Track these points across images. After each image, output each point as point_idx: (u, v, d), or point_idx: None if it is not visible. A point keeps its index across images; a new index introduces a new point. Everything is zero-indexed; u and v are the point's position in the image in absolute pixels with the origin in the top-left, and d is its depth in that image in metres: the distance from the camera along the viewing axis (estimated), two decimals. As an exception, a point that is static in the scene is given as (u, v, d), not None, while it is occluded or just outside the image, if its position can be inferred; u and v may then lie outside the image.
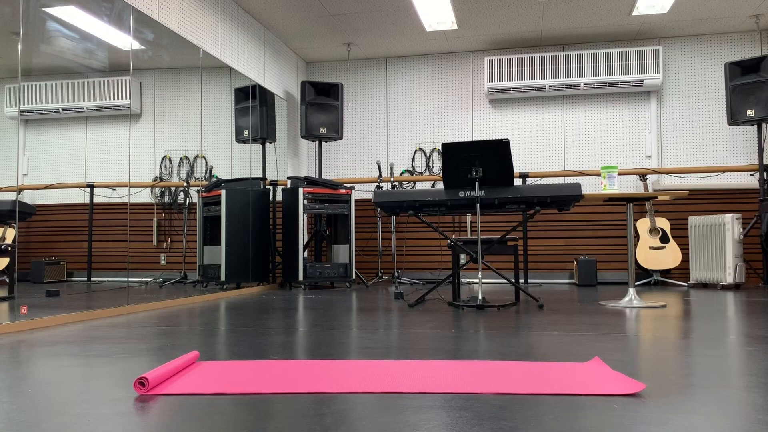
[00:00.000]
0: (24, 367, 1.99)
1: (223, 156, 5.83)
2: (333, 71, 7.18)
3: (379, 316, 3.40)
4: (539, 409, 1.39)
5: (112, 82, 4.72)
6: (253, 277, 5.63)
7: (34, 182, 4.54)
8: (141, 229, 5.44)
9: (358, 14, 5.80)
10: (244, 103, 5.90)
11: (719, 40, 6.34)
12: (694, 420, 1.28)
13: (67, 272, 5.06)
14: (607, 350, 2.15)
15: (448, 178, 3.81)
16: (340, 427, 1.26)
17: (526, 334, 2.61)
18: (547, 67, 6.39)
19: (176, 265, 5.62)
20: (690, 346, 2.28)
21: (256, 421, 1.32)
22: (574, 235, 6.32)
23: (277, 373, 1.81)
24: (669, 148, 6.39)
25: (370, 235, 6.75)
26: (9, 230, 3.92)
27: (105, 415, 1.37)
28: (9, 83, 3.78)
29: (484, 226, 6.49)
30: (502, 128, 6.71)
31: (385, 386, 1.60)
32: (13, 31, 3.25)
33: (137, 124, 5.03)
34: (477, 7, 5.63)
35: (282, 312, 3.68)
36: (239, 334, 2.70)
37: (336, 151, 7.06)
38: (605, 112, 6.53)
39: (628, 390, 1.52)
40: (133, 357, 2.13)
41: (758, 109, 5.43)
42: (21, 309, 3.10)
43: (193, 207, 5.60)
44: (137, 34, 4.25)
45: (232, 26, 5.48)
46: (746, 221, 5.68)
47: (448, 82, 6.90)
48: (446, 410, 1.39)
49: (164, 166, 5.42)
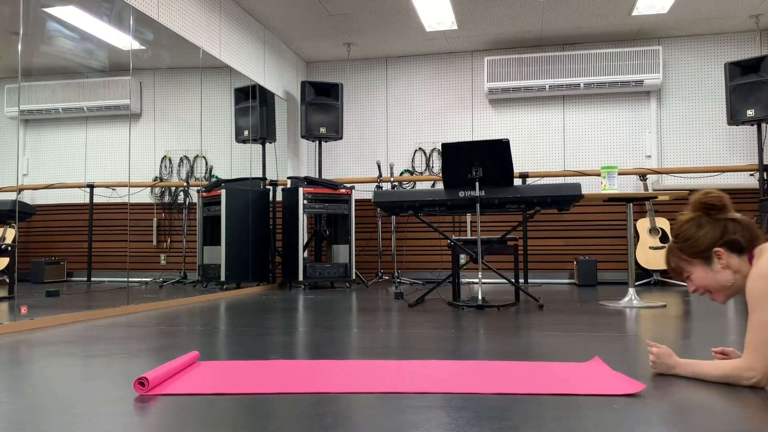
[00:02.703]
0: (24, 367, 1.99)
1: (223, 156, 5.83)
2: (333, 71, 7.18)
3: (379, 316, 3.40)
4: (539, 409, 1.39)
5: (112, 82, 4.72)
6: (253, 277, 5.63)
7: (34, 182, 4.54)
8: (141, 229, 5.44)
9: (358, 14, 5.80)
10: (244, 103, 5.90)
11: (719, 40, 6.34)
12: (694, 420, 1.28)
13: (67, 272, 5.06)
14: (607, 350, 2.15)
15: (448, 178, 3.81)
16: (340, 427, 1.26)
17: (526, 334, 2.61)
18: (547, 67, 6.39)
19: (176, 265, 5.61)
20: (690, 346, 2.28)
21: (256, 421, 1.32)
22: (574, 235, 6.32)
23: (277, 373, 1.81)
24: (669, 148, 6.39)
25: (370, 235, 6.75)
26: (9, 230, 3.91)
27: (105, 415, 1.37)
28: (9, 83, 3.78)
29: (484, 226, 6.49)
30: (502, 128, 6.71)
31: (385, 386, 1.60)
32: (13, 31, 3.25)
33: (137, 124, 5.02)
34: (477, 7, 5.63)
35: (282, 312, 3.68)
36: (239, 334, 2.70)
37: (336, 151, 7.06)
38: (605, 112, 6.53)
39: (628, 390, 1.52)
40: (133, 357, 2.13)
41: (758, 109, 5.43)
42: (21, 309, 3.10)
43: (193, 207, 5.60)
44: (137, 34, 4.25)
45: (232, 26, 5.48)
46: (746, 221, 5.68)
47: (448, 82, 6.90)
48: (446, 410, 1.39)
49: (164, 166, 5.42)
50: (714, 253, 1.65)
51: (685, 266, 1.71)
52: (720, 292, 1.68)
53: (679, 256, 1.71)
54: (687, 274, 1.72)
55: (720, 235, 1.65)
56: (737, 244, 1.64)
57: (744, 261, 1.64)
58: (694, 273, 1.69)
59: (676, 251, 1.72)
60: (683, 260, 1.71)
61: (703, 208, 1.69)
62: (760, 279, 1.52)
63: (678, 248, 1.71)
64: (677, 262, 1.73)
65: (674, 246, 1.72)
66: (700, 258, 1.67)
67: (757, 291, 1.52)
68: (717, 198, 1.68)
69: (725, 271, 1.64)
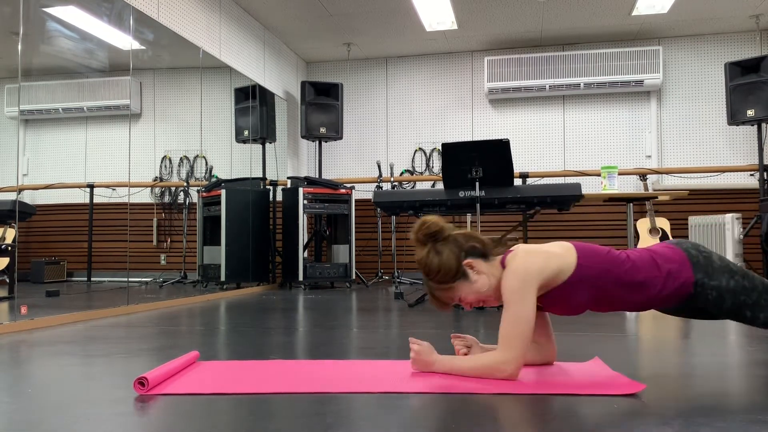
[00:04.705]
0: (24, 367, 1.99)
1: (223, 156, 5.83)
2: (333, 71, 7.18)
3: (379, 316, 3.40)
4: (539, 408, 1.39)
5: (112, 82, 4.72)
6: (253, 277, 5.63)
7: (34, 182, 4.54)
8: (141, 229, 5.44)
9: (358, 14, 5.80)
10: (244, 103, 5.89)
11: (719, 40, 6.34)
12: (694, 420, 1.28)
13: (67, 272, 5.06)
14: (607, 350, 2.15)
15: (448, 178, 3.80)
16: (340, 427, 1.27)
17: (526, 334, 2.61)
18: (547, 67, 6.39)
19: (176, 265, 5.61)
20: (690, 346, 2.28)
21: (256, 421, 1.32)
22: (574, 235, 6.32)
23: (277, 373, 1.81)
24: (669, 148, 6.39)
25: (370, 235, 6.75)
26: (9, 230, 3.91)
27: (105, 415, 1.37)
28: (9, 83, 3.78)
29: (484, 226, 6.48)
30: (502, 128, 6.71)
31: (385, 386, 1.60)
32: (13, 31, 3.25)
33: (137, 124, 5.02)
34: (477, 7, 5.63)
35: (282, 312, 3.68)
36: (239, 334, 2.70)
37: (336, 151, 7.06)
38: (605, 112, 6.53)
39: (628, 390, 1.52)
40: (133, 357, 2.13)
41: (758, 109, 5.43)
42: (21, 309, 3.10)
43: (193, 207, 5.60)
44: (137, 34, 4.25)
45: (232, 26, 5.48)
46: (746, 221, 5.67)
47: (448, 82, 6.90)
48: (446, 410, 1.39)
49: (164, 166, 5.41)
50: (466, 266, 1.73)
51: (452, 294, 1.76)
52: (489, 296, 1.76)
53: (442, 288, 1.76)
54: (457, 298, 1.77)
55: (459, 250, 1.74)
56: (477, 249, 1.75)
57: (492, 264, 1.75)
58: (461, 293, 1.75)
59: (437, 287, 1.76)
60: (447, 290, 1.75)
61: (430, 238, 1.75)
62: (511, 277, 1.66)
63: (436, 283, 1.75)
64: (444, 296, 1.77)
65: (432, 284, 1.77)
66: (457, 278, 1.73)
67: (510, 287, 1.65)
68: (434, 224, 1.76)
69: (482, 276, 1.74)
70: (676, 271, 1.67)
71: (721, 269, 1.68)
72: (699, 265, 1.68)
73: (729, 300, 1.66)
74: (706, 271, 1.67)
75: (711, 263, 1.69)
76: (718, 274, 1.67)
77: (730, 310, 1.68)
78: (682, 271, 1.67)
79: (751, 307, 1.67)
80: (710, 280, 1.66)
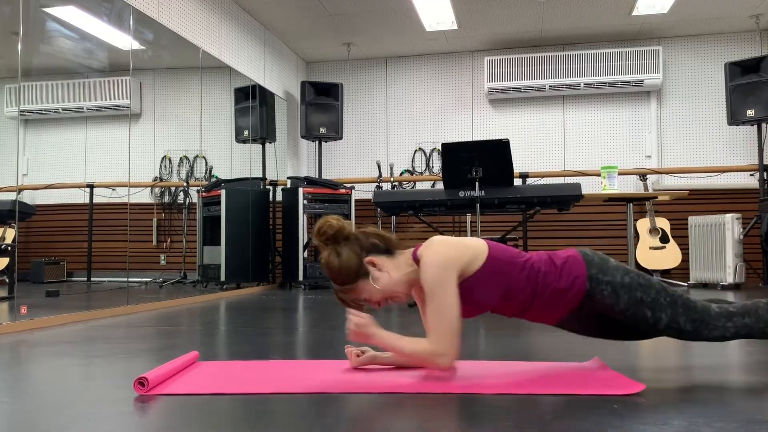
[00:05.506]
0: (24, 367, 1.99)
1: (223, 156, 5.84)
2: (333, 71, 7.18)
3: (379, 316, 3.40)
4: (539, 409, 1.39)
5: (112, 82, 4.72)
6: (253, 277, 5.63)
7: (34, 182, 4.53)
8: (141, 229, 5.44)
9: (358, 14, 5.80)
10: (244, 103, 5.89)
11: (719, 40, 6.34)
12: (693, 420, 1.28)
13: (67, 272, 5.06)
14: (607, 350, 2.15)
15: (448, 178, 3.81)
16: (340, 427, 1.26)
17: (526, 334, 2.61)
18: (547, 67, 6.39)
19: (176, 265, 5.62)
20: (690, 346, 2.28)
21: (256, 421, 1.32)
22: (574, 235, 6.32)
23: (277, 373, 1.81)
24: (669, 148, 6.39)
25: (370, 235, 6.74)
26: (9, 230, 3.91)
27: (105, 415, 1.37)
28: (9, 83, 3.78)
29: (484, 226, 6.48)
30: (502, 128, 6.71)
31: (386, 386, 1.61)
32: (13, 31, 3.25)
33: (137, 124, 5.03)
34: (477, 7, 5.63)
35: (282, 312, 3.68)
36: (239, 334, 2.70)
37: (336, 151, 7.06)
38: (605, 112, 6.53)
39: (628, 390, 1.52)
40: (133, 357, 2.13)
41: (758, 109, 5.43)
42: (21, 309, 3.10)
43: (193, 207, 5.60)
44: (137, 34, 4.25)
45: (232, 26, 5.48)
46: (746, 221, 5.67)
47: (448, 82, 6.89)
48: (446, 410, 1.39)
49: (164, 166, 5.42)
50: (367, 264, 1.71)
51: (356, 294, 1.74)
52: (396, 293, 1.75)
53: (345, 290, 1.74)
54: (363, 298, 1.75)
55: (360, 248, 1.72)
56: (378, 246, 1.74)
57: (398, 260, 1.75)
58: (366, 293, 1.73)
59: (340, 289, 1.75)
60: (351, 290, 1.73)
61: (329, 239, 1.73)
62: (430, 268, 1.66)
63: (339, 284, 1.73)
64: (348, 297, 1.75)
65: (336, 286, 1.75)
66: (359, 278, 1.71)
67: (430, 279, 1.66)
68: (332, 225, 1.73)
69: (384, 273, 1.72)
70: (570, 264, 1.70)
71: (616, 268, 1.70)
72: (593, 263, 1.70)
73: (625, 295, 1.66)
74: (600, 268, 1.69)
75: (606, 263, 1.71)
76: (612, 270, 1.69)
77: (628, 309, 1.66)
78: (575, 266, 1.70)
79: (650, 306, 1.66)
80: (604, 276, 1.68)
